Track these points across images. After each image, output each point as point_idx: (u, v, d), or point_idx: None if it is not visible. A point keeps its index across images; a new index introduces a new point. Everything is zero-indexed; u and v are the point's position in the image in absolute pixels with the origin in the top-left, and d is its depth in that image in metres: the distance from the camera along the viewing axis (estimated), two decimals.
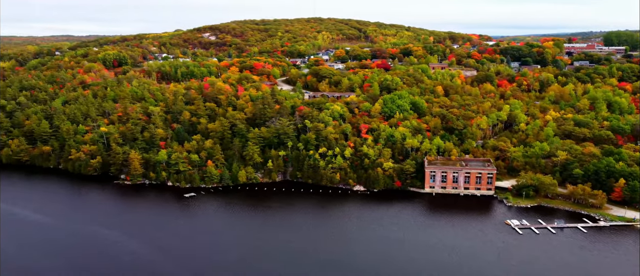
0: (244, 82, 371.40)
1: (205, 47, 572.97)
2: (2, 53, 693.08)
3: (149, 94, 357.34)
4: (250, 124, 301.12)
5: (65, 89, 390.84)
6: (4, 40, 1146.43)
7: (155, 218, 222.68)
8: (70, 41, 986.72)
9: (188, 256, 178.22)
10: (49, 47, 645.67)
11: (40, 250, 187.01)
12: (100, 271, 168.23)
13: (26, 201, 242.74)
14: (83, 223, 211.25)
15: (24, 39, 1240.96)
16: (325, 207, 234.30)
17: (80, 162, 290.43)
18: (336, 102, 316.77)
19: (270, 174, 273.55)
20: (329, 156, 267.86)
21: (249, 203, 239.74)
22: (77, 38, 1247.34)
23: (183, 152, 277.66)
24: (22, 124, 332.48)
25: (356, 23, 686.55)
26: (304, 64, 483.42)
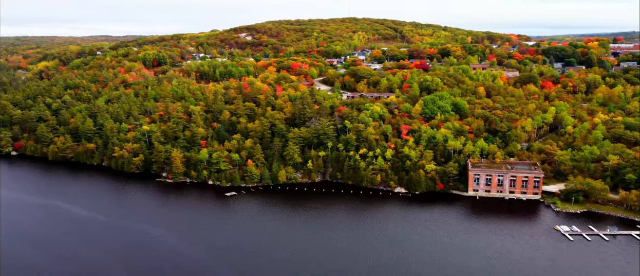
0: (282, 82, 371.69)
1: (242, 47, 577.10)
2: (46, 53, 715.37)
3: (188, 93, 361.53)
4: (290, 124, 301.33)
5: (108, 88, 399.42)
6: (46, 40, 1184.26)
7: (199, 217, 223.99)
8: (109, 41, 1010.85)
9: (235, 256, 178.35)
10: (90, 47, 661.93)
11: (95, 245, 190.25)
12: (151, 269, 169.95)
13: (76, 198, 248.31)
14: (132, 221, 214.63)
15: (65, 38, 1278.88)
16: (367, 209, 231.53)
17: (123, 160, 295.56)
18: (375, 103, 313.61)
19: (310, 174, 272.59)
20: (369, 157, 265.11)
21: (290, 203, 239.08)
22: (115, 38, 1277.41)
23: (224, 151, 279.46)
24: (68, 122, 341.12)
25: (392, 23, 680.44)
26: (340, 64, 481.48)
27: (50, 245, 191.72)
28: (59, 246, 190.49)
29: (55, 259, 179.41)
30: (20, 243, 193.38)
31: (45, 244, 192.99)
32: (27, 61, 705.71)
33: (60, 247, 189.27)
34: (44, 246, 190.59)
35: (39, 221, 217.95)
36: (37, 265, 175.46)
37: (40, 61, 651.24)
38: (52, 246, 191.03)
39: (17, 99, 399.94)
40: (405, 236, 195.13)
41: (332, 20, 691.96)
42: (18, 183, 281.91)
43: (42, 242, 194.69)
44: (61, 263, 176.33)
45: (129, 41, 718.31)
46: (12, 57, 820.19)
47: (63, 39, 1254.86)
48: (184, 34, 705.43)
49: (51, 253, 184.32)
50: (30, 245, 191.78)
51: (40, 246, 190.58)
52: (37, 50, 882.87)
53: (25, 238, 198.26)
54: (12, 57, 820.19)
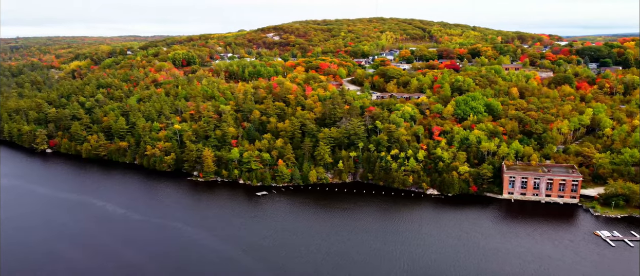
0: (312, 82, 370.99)
1: (269, 47, 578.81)
2: (78, 52, 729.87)
3: (218, 92, 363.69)
4: (319, 124, 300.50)
5: (139, 87, 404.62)
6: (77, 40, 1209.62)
7: (233, 216, 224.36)
8: (137, 41, 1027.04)
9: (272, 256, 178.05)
10: (121, 47, 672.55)
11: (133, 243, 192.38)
12: (189, 268, 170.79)
13: (111, 196, 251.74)
14: (167, 219, 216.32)
15: (95, 38, 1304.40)
16: (400, 210, 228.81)
17: (155, 158, 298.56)
18: (406, 103, 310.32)
19: (340, 174, 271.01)
20: (401, 158, 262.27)
21: (322, 204, 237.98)
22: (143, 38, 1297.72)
23: (254, 151, 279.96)
24: (101, 121, 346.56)
25: (420, 23, 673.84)
26: (368, 64, 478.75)
27: (88, 242, 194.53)
28: (97, 243, 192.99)
29: (94, 256, 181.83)
30: (59, 240, 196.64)
31: (83, 241, 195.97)
32: (59, 61, 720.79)
33: (99, 245, 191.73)
34: (82, 244, 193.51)
35: (76, 218, 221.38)
36: (77, 262, 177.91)
37: (72, 60, 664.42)
38: (91, 243, 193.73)
39: (51, 98, 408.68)
40: (440, 239, 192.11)
41: (359, 20, 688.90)
42: (53, 180, 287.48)
43: (80, 239, 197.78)
44: (100, 260, 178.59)
45: (158, 41, 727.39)
46: (45, 56, 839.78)
47: (93, 39, 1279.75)
48: (211, 34, 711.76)
49: (89, 250, 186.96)
50: (70, 242, 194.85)
51: (79, 244, 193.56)
52: (69, 50, 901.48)
53: (63, 235, 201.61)
54: (45, 56, 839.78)
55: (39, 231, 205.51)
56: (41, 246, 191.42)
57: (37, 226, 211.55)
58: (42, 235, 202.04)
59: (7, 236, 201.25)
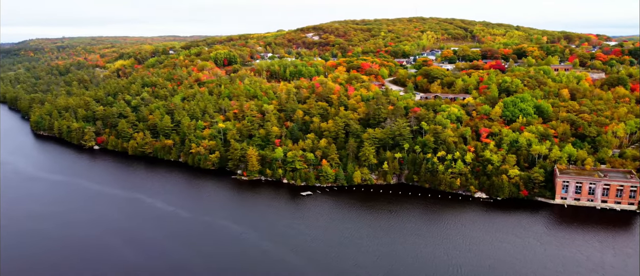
0: (354, 82, 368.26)
1: (309, 46, 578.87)
2: (122, 52, 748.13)
3: (261, 92, 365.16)
4: (363, 124, 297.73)
5: (183, 86, 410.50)
6: (119, 40, 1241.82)
7: (278, 215, 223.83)
8: (178, 41, 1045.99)
9: (321, 257, 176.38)
10: (163, 47, 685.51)
11: (182, 241, 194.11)
12: (239, 267, 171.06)
13: (159, 193, 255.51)
14: (214, 217, 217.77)
15: (136, 38, 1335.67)
16: (448, 213, 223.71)
17: (200, 156, 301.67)
18: (452, 104, 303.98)
19: (385, 176, 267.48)
20: (448, 160, 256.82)
21: (368, 205, 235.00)
22: (183, 38, 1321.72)
23: (298, 150, 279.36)
24: (146, 119, 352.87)
25: (461, 22, 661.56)
26: (409, 64, 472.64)
27: (139, 239, 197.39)
28: (148, 240, 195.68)
29: (145, 253, 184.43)
30: (110, 236, 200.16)
31: (134, 237, 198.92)
32: (103, 60, 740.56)
33: (149, 241, 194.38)
34: (133, 240, 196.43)
35: (126, 214, 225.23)
36: (129, 258, 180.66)
37: (116, 59, 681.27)
38: (141, 239, 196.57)
39: (98, 96, 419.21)
40: (494, 244, 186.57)
41: (399, 19, 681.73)
42: (102, 176, 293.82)
43: (131, 235, 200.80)
44: (151, 257, 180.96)
45: (198, 41, 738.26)
46: (90, 56, 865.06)
47: (134, 39, 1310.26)
48: (251, 33, 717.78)
49: (140, 247, 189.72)
50: (121, 238, 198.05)
51: (130, 240, 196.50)
52: (113, 49, 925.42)
53: (115, 231, 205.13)
54: (90, 56, 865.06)
55: (91, 227, 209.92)
56: (93, 241, 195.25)
57: (89, 222, 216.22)
58: (93, 230, 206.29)
59: (60, 231, 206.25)
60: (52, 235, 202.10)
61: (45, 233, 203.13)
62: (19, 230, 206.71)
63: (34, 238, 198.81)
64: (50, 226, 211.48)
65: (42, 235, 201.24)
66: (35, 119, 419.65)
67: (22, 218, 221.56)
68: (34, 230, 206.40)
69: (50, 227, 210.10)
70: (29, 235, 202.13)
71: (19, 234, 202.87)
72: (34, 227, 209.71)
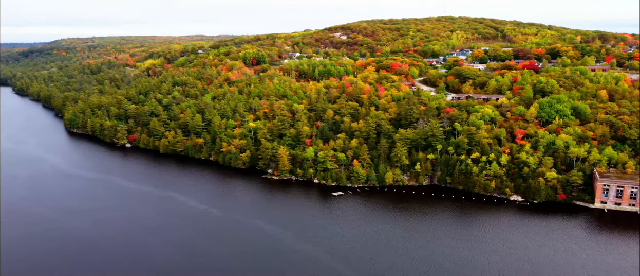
0: (384, 82, 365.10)
1: (337, 46, 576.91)
2: (151, 51, 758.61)
3: (290, 91, 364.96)
4: (394, 124, 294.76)
5: (213, 85, 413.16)
6: (148, 40, 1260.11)
7: (311, 215, 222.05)
8: (205, 40, 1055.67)
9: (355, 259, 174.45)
10: (192, 46, 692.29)
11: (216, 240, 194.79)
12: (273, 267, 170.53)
13: (191, 192, 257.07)
14: (246, 216, 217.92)
15: (164, 38, 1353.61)
16: (484, 216, 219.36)
17: (231, 155, 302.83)
18: (485, 105, 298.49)
19: (417, 177, 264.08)
20: (482, 161, 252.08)
21: (401, 206, 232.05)
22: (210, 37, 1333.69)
23: (329, 150, 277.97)
24: (178, 117, 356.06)
25: (491, 21, 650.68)
26: (439, 64, 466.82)
27: (173, 237, 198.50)
28: (182, 238, 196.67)
29: (179, 251, 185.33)
30: (145, 233, 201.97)
31: (168, 235, 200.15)
32: (133, 59, 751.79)
33: (183, 239, 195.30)
34: (167, 238, 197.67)
35: (160, 212, 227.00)
36: (164, 256, 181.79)
37: (146, 58, 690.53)
38: (175, 238, 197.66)
39: (130, 95, 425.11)
40: (533, 248, 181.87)
41: (427, 19, 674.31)
42: (135, 174, 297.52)
43: (165, 233, 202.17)
44: (185, 255, 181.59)
45: (226, 40, 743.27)
46: (120, 55, 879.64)
47: (162, 38, 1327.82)
48: (278, 33, 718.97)
49: (174, 245, 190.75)
50: (155, 236, 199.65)
51: (164, 238, 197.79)
52: (142, 48, 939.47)
53: (149, 229, 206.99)
54: (120, 55, 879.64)
55: (126, 224, 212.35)
56: (128, 238, 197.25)
57: (123, 219, 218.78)
58: (128, 228, 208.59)
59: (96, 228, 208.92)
60: (89, 232, 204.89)
61: (83, 230, 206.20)
62: (58, 226, 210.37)
63: (72, 234, 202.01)
64: (87, 223, 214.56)
65: (80, 232, 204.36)
66: (69, 117, 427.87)
67: (61, 214, 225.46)
68: (72, 227, 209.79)
69: (87, 224, 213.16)
70: (67, 230, 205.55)
71: (58, 229, 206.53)
72: (72, 224, 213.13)
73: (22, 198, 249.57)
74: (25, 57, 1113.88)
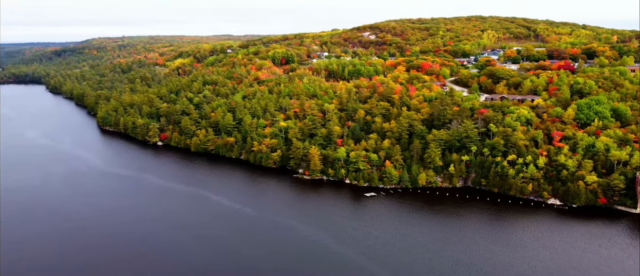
0: (415, 82, 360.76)
1: (365, 46, 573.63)
2: (181, 50, 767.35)
3: (320, 91, 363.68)
4: (427, 125, 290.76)
5: (243, 84, 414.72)
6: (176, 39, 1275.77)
7: (345, 217, 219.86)
8: (232, 40, 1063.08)
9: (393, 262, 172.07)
10: (221, 45, 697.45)
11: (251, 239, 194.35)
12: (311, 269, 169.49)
13: (223, 191, 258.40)
14: (280, 216, 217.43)
15: (192, 37, 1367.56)
16: (522, 220, 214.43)
17: (262, 154, 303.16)
18: (520, 106, 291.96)
19: (451, 179, 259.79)
20: (519, 164, 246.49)
21: (436, 208, 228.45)
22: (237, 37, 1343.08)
23: (361, 150, 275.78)
24: (209, 116, 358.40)
25: (523, 21, 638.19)
26: (471, 64, 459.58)
27: (209, 236, 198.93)
28: (217, 238, 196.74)
29: (214, 250, 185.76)
30: (181, 232, 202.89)
31: (203, 234, 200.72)
32: (163, 58, 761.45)
33: (219, 239, 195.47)
34: (203, 237, 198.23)
35: (194, 211, 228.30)
36: (200, 255, 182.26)
37: (175, 58, 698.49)
38: (210, 237, 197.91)
39: (161, 93, 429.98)
40: (577, 254, 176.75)
41: (457, 18, 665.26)
42: (168, 172, 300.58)
43: (200, 232, 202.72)
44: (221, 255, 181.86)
45: (254, 40, 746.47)
46: (149, 54, 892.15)
47: (190, 38, 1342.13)
48: (306, 33, 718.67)
49: (210, 244, 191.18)
50: (191, 234, 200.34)
51: (200, 237, 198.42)
52: (171, 48, 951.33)
53: (184, 228, 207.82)
54: (149, 54, 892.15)
55: (161, 222, 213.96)
56: (163, 236, 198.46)
57: (158, 217, 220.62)
58: (163, 226, 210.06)
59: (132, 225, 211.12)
60: (125, 228, 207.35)
61: (118, 227, 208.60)
62: (94, 223, 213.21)
63: (108, 231, 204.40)
64: (122, 220, 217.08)
65: (116, 229, 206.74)
66: (102, 115, 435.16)
67: (97, 211, 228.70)
68: (109, 224, 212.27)
69: (122, 221, 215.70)
70: (103, 228, 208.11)
71: (94, 226, 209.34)
72: (108, 221, 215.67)
73: (59, 195, 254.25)
74: (58, 56, 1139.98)
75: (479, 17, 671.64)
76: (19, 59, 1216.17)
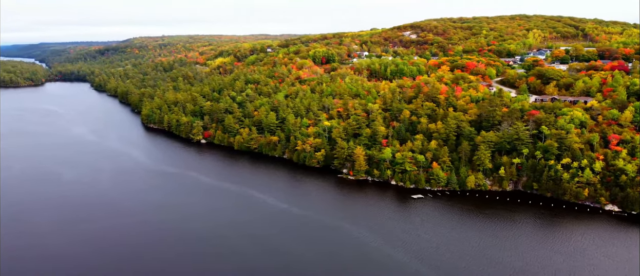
0: (461, 82, 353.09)
1: (406, 45, 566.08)
2: (221, 49, 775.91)
3: (363, 90, 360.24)
4: (474, 126, 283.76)
5: (285, 83, 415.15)
6: (214, 38, 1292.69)
7: (394, 219, 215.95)
8: (270, 39, 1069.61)
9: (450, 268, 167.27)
10: (261, 45, 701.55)
11: (300, 239, 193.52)
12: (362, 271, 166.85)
13: (269, 189, 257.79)
14: (327, 216, 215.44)
15: (229, 37, 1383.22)
16: (579, 227, 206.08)
17: (305, 154, 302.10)
18: (574, 108, 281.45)
19: (501, 182, 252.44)
20: (574, 168, 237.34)
21: (487, 213, 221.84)
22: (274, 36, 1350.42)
23: (407, 151, 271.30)
24: (252, 115, 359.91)
25: (569, 20, 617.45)
26: (516, 64, 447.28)
27: (257, 235, 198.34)
28: (266, 237, 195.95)
29: (263, 249, 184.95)
30: (229, 230, 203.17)
31: (251, 233, 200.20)
32: (203, 57, 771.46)
33: (268, 238, 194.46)
34: (250, 236, 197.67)
35: (242, 209, 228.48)
36: (248, 255, 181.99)
37: (216, 57, 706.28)
38: (259, 236, 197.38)
39: (204, 92, 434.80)
40: None
41: (500, 17, 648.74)
42: (212, 170, 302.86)
43: (248, 231, 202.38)
44: (270, 254, 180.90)
45: (294, 39, 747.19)
46: (190, 53, 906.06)
47: (228, 37, 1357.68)
48: (345, 32, 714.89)
49: (258, 243, 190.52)
50: (238, 232, 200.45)
51: (247, 236, 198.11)
52: (210, 47, 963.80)
53: (232, 226, 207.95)
54: (190, 53, 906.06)
55: (209, 220, 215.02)
56: (212, 234, 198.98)
57: (206, 214, 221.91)
58: (211, 223, 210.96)
59: (181, 222, 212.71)
60: (175, 224, 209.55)
61: (168, 223, 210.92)
62: (144, 220, 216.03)
63: (158, 228, 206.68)
64: (172, 216, 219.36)
65: (166, 225, 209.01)
66: (146, 112, 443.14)
67: (147, 208, 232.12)
68: (159, 220, 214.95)
69: (171, 217, 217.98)
70: (155, 225, 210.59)
71: (146, 224, 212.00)
72: (159, 217, 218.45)
73: (109, 191, 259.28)
74: (101, 55, 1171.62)
75: (523, 16, 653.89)
76: (65, 58, 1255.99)
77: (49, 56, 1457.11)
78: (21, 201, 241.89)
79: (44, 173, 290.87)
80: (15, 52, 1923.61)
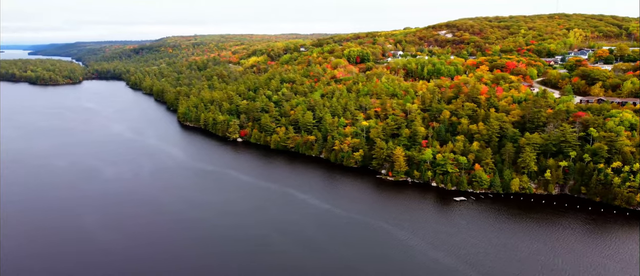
0: (501, 82, 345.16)
1: (441, 44, 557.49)
2: (254, 49, 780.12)
3: (400, 90, 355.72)
4: (518, 128, 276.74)
5: (320, 82, 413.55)
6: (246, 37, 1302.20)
7: (437, 222, 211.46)
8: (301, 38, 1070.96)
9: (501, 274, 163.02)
10: (294, 44, 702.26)
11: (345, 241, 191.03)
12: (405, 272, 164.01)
13: (309, 189, 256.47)
14: (371, 218, 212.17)
15: (261, 36, 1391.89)
16: (633, 233, 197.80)
17: (343, 154, 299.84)
18: (622, 110, 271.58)
19: (546, 185, 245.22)
20: (625, 172, 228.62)
21: (533, 217, 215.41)
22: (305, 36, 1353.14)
23: (448, 153, 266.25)
24: (288, 114, 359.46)
25: (612, 18, 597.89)
26: (558, 64, 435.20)
27: (301, 235, 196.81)
28: (311, 237, 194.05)
29: (308, 250, 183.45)
30: (271, 230, 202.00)
31: (294, 234, 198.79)
32: (236, 56, 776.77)
33: (313, 239, 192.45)
34: (294, 236, 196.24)
35: (283, 209, 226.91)
36: (291, 255, 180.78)
37: (249, 56, 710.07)
38: (304, 236, 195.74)
39: (240, 90, 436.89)
40: None
41: (538, 16, 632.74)
42: (250, 169, 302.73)
43: (291, 231, 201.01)
44: (315, 256, 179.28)
45: (326, 38, 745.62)
46: (222, 52, 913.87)
47: (259, 36, 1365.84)
48: (378, 31, 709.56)
49: (302, 244, 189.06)
50: (281, 232, 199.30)
51: (291, 236, 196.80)
52: (242, 46, 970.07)
53: (275, 226, 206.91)
54: (222, 52, 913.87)
55: (248, 218, 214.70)
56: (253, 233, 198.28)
57: (247, 213, 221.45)
58: (251, 221, 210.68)
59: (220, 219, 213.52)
60: (214, 220, 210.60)
61: (207, 221, 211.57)
62: (184, 218, 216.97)
63: (199, 225, 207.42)
64: (211, 214, 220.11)
65: (207, 222, 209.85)
66: (183, 110, 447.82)
67: (187, 206, 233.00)
68: (197, 218, 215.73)
69: (211, 215, 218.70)
70: (195, 222, 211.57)
71: (185, 221, 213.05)
72: (197, 215, 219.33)
73: (149, 188, 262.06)
74: (136, 54, 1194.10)
75: (562, 14, 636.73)
76: (100, 57, 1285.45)
77: (85, 55, 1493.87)
78: (68, 196, 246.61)
79: (86, 170, 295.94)
80: (52, 50, 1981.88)
